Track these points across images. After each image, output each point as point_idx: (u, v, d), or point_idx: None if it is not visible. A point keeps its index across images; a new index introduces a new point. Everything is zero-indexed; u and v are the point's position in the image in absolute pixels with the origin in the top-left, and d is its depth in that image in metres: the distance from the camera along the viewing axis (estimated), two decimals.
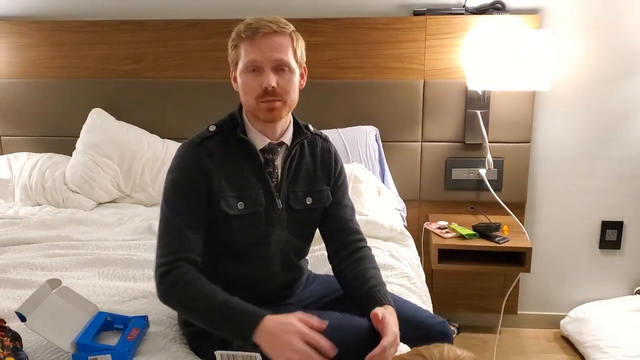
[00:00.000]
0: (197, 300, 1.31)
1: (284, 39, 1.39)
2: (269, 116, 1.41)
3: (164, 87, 2.63)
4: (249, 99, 1.41)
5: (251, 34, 1.37)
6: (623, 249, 2.69)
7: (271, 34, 1.37)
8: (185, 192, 1.40)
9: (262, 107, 1.40)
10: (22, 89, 2.69)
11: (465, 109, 2.52)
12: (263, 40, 1.36)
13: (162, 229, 1.40)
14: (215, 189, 1.40)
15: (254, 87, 1.38)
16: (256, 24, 1.37)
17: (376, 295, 1.40)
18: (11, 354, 1.26)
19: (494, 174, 2.55)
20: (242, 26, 1.39)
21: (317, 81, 2.44)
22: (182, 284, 1.33)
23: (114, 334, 1.44)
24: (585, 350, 2.48)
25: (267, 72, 1.37)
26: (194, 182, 1.40)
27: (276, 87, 1.38)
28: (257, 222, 1.45)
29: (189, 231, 1.38)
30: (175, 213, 1.39)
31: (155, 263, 1.38)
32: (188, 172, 1.40)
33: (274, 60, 1.37)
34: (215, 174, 1.40)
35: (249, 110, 1.44)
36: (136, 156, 2.51)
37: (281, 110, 1.41)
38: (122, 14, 2.63)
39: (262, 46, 1.36)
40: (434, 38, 2.47)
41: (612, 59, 2.49)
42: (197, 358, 1.43)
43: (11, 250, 2.04)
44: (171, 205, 1.40)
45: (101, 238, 2.11)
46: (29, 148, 2.70)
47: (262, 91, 1.38)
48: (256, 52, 1.37)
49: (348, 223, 1.56)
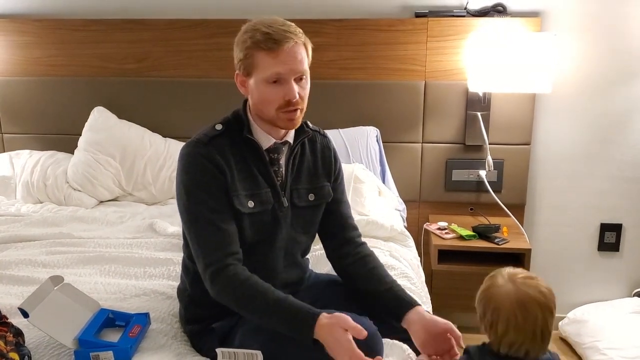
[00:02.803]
0: (254, 300, 1.33)
1: (302, 49, 1.40)
2: (290, 125, 1.44)
3: (167, 86, 2.64)
4: (268, 109, 1.40)
5: (273, 46, 1.35)
6: (622, 252, 2.69)
7: (294, 46, 1.37)
8: (207, 187, 1.39)
9: (282, 118, 1.40)
10: (25, 87, 2.70)
11: (465, 110, 2.52)
12: (286, 53, 1.36)
13: (197, 228, 1.39)
14: (229, 186, 1.41)
15: (277, 98, 1.38)
16: (276, 35, 1.35)
17: (404, 295, 1.46)
18: (14, 350, 1.27)
19: (494, 175, 2.56)
20: (260, 35, 1.35)
21: (318, 82, 2.42)
22: (237, 283, 1.34)
23: (116, 330, 1.45)
24: (583, 351, 2.49)
25: (291, 84, 1.38)
26: (213, 177, 1.39)
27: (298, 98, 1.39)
28: (266, 220, 1.46)
29: (224, 224, 1.38)
30: (205, 210, 1.38)
31: (201, 262, 1.38)
32: (204, 167, 1.39)
33: (297, 72, 1.38)
34: (227, 171, 1.41)
35: (267, 119, 1.43)
36: (138, 155, 2.52)
37: (299, 119, 1.44)
38: (125, 13, 2.64)
39: (286, 59, 1.36)
40: (436, 40, 2.48)
41: (612, 62, 2.49)
42: (199, 355, 1.44)
43: (13, 247, 2.05)
44: (196, 203, 1.39)
45: (103, 236, 2.12)
46: (31, 146, 2.71)
47: (285, 102, 1.38)
48: (280, 65, 1.36)
49: (348, 219, 1.60)
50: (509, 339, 1.16)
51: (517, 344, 1.16)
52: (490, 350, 1.21)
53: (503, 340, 1.17)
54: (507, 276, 1.20)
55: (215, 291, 1.37)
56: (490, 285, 1.21)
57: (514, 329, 1.15)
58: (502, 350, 1.18)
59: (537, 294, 1.16)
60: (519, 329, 1.15)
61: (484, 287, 1.23)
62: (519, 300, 1.15)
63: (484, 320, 1.20)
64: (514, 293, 1.16)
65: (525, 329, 1.15)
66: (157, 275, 1.81)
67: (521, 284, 1.17)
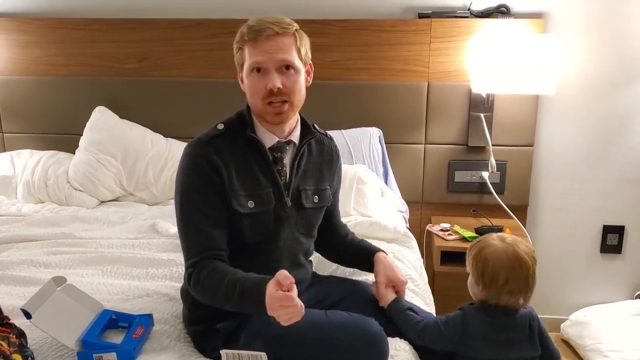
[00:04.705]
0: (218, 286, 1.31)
1: (287, 39, 1.39)
2: (277, 119, 1.43)
3: (168, 85, 2.63)
4: (255, 100, 1.41)
5: (254, 36, 1.37)
6: (624, 254, 2.69)
7: (274, 35, 1.37)
8: (200, 190, 1.40)
9: (269, 111, 1.41)
10: (26, 86, 2.69)
11: (468, 111, 2.52)
12: (266, 42, 1.37)
13: (184, 231, 1.41)
14: (226, 187, 1.40)
15: (260, 88, 1.39)
16: (258, 25, 1.38)
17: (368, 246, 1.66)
18: (17, 351, 1.26)
19: (496, 177, 2.55)
20: (245, 28, 1.40)
21: (321, 82, 2.42)
22: (204, 276, 1.34)
23: (119, 332, 1.44)
24: (585, 353, 2.48)
25: (272, 73, 1.38)
26: (208, 179, 1.40)
27: (281, 87, 1.38)
28: (267, 220, 1.45)
29: (211, 229, 1.39)
30: (194, 212, 1.39)
31: (186, 262, 1.39)
32: (200, 169, 1.40)
33: (277, 61, 1.38)
34: (225, 172, 1.40)
35: (257, 112, 1.45)
36: (139, 154, 2.51)
37: (288, 112, 1.43)
38: (126, 12, 2.63)
39: (266, 47, 1.37)
40: (439, 41, 2.47)
41: (616, 64, 2.49)
42: (202, 357, 1.44)
43: (14, 247, 2.04)
44: (188, 204, 1.40)
45: (104, 236, 2.10)
46: (32, 145, 2.69)
47: (268, 92, 1.38)
48: (260, 54, 1.37)
49: (339, 222, 1.73)
50: (510, 287, 1.39)
51: (515, 291, 1.40)
52: (484, 308, 1.42)
53: (504, 290, 1.39)
54: (497, 238, 1.44)
55: (196, 293, 1.37)
56: (484, 247, 1.43)
57: (513, 278, 1.39)
58: (502, 302, 1.40)
59: (525, 248, 1.41)
60: (516, 277, 1.39)
61: (476, 250, 1.45)
62: (514, 253, 1.40)
63: (484, 276, 1.41)
64: (510, 249, 1.41)
65: (520, 276, 1.39)
66: (159, 276, 1.80)
67: (511, 242, 1.42)
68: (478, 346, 1.41)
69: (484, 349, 1.41)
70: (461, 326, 1.43)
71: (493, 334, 1.41)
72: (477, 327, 1.42)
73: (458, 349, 1.43)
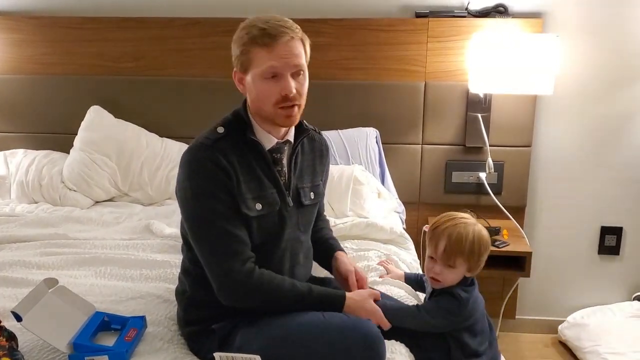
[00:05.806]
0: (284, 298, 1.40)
1: (298, 43, 1.39)
2: (288, 122, 1.43)
3: (164, 85, 2.61)
4: (266, 104, 1.39)
5: (269, 40, 1.34)
6: (622, 255, 2.68)
7: (289, 40, 1.36)
8: (216, 193, 1.36)
9: (280, 114, 1.39)
10: (20, 85, 2.67)
11: (466, 111, 2.51)
12: (282, 47, 1.35)
13: (208, 237, 1.37)
14: (235, 190, 1.38)
15: (273, 93, 1.37)
16: (272, 30, 1.35)
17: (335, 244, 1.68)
18: (7, 354, 1.24)
19: (494, 177, 2.54)
20: (256, 31, 1.35)
21: (318, 82, 2.41)
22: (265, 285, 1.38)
23: (111, 334, 1.42)
24: (583, 355, 2.47)
25: (288, 79, 1.37)
26: (221, 182, 1.37)
27: (295, 92, 1.38)
28: (272, 221, 1.45)
29: (237, 230, 1.38)
30: (215, 217, 1.36)
31: (216, 271, 1.37)
32: (211, 173, 1.36)
33: (293, 66, 1.37)
34: (234, 175, 1.38)
35: (264, 115, 1.42)
36: (134, 154, 2.49)
37: (297, 115, 1.43)
38: (121, 11, 2.61)
39: (281, 53, 1.35)
40: (436, 40, 2.46)
41: (615, 64, 2.48)
42: (196, 358, 1.42)
43: (7, 248, 2.02)
44: (206, 211, 1.37)
45: (98, 237, 2.09)
46: (26, 145, 2.67)
47: (282, 97, 1.37)
48: (275, 59, 1.35)
49: (321, 215, 1.73)
50: (484, 259, 1.51)
51: None
52: (464, 284, 1.52)
53: (482, 263, 1.51)
54: (472, 221, 1.52)
55: (240, 296, 1.37)
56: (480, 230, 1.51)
57: (486, 252, 1.51)
58: (477, 273, 1.52)
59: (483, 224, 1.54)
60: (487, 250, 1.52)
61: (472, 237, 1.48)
62: (484, 231, 1.52)
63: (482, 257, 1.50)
64: (482, 228, 1.52)
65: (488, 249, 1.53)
66: (153, 278, 1.78)
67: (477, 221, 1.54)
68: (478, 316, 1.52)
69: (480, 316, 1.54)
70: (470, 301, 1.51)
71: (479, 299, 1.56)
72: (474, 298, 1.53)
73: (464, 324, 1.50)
